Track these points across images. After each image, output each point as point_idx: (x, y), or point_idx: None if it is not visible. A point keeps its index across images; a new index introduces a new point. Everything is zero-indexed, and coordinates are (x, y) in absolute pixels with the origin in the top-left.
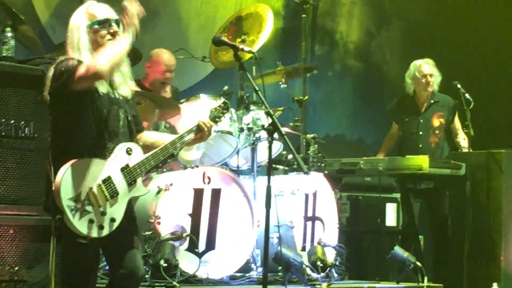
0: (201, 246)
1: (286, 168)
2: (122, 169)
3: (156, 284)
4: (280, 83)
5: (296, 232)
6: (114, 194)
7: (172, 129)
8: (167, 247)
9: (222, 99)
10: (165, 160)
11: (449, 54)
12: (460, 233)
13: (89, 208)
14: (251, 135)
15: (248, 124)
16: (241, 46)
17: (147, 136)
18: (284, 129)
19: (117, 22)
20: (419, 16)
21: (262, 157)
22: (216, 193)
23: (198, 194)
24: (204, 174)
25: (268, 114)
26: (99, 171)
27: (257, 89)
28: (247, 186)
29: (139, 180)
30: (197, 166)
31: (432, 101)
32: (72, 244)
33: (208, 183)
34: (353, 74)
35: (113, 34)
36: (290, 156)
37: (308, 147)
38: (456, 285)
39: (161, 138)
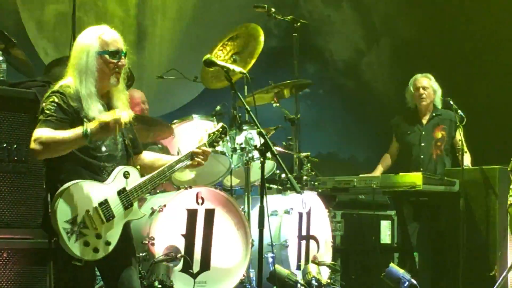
0: (196, 266)
1: (279, 187)
2: (119, 193)
3: None
4: (272, 102)
5: (291, 251)
6: (110, 218)
7: (165, 150)
8: (161, 268)
9: (221, 124)
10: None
11: (439, 70)
12: (455, 249)
13: (85, 231)
14: (244, 154)
15: (241, 144)
16: (232, 67)
17: (146, 157)
18: (277, 149)
19: (125, 55)
20: (409, 34)
21: (256, 176)
22: (209, 214)
23: (192, 214)
24: (197, 195)
25: (260, 134)
26: (96, 194)
27: (249, 109)
28: (241, 206)
29: (136, 204)
30: (190, 187)
31: (434, 114)
32: (67, 267)
33: (202, 203)
34: (344, 92)
35: (120, 67)
36: (283, 176)
37: (301, 166)
38: None
39: (159, 158)
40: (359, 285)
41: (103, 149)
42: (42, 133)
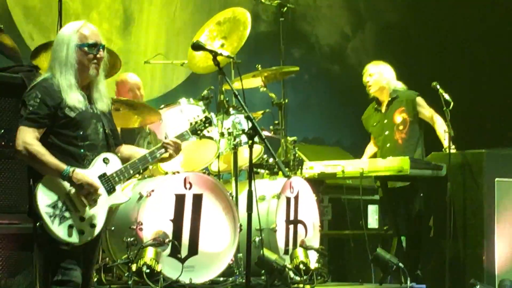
0: (184, 251)
1: (267, 172)
2: (100, 177)
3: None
4: (259, 86)
5: (279, 235)
6: (92, 201)
7: (153, 135)
8: (149, 253)
9: (205, 114)
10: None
11: (425, 54)
12: (442, 233)
13: (67, 214)
14: (231, 139)
15: (228, 128)
16: (219, 51)
17: (124, 150)
18: (265, 133)
19: (103, 48)
20: (394, 18)
21: (243, 161)
22: (197, 198)
23: (180, 199)
24: (185, 180)
25: (248, 118)
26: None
27: (236, 93)
28: (229, 190)
29: (118, 188)
30: (178, 172)
31: (390, 99)
32: (55, 251)
33: (190, 188)
34: (330, 76)
35: (99, 59)
36: (271, 160)
37: (288, 151)
38: (439, 286)
39: (138, 151)
40: (347, 270)
41: (85, 138)
42: (34, 142)
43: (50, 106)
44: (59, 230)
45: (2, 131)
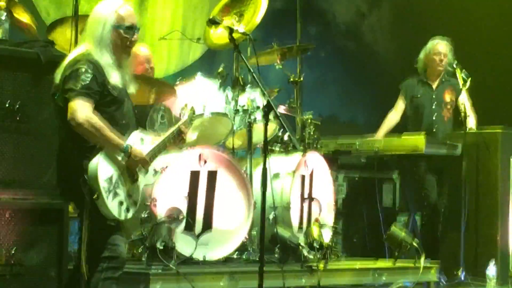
0: (198, 228)
1: (282, 149)
2: None
3: (153, 267)
4: (275, 64)
5: (293, 213)
6: (136, 179)
7: (168, 112)
8: (163, 229)
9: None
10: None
11: (441, 33)
12: (456, 212)
13: (119, 190)
14: (246, 116)
15: (243, 105)
16: (236, 27)
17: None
18: (280, 110)
19: (138, 30)
20: None
21: (258, 138)
22: (212, 175)
23: (194, 176)
24: (200, 156)
25: (263, 94)
26: (121, 156)
27: (252, 70)
28: (243, 167)
29: (150, 168)
30: (192, 148)
31: (443, 79)
32: (102, 227)
33: (204, 164)
34: (345, 54)
35: (133, 42)
36: (286, 137)
37: (304, 128)
38: (453, 264)
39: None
40: (361, 248)
41: (123, 117)
42: (95, 116)
43: (100, 82)
44: (112, 205)
45: (17, 106)
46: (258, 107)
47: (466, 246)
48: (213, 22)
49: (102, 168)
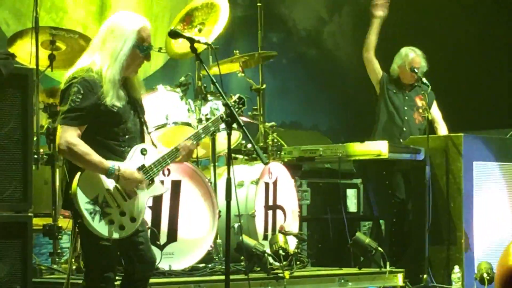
0: (163, 238)
1: (245, 158)
2: (138, 169)
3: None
4: (237, 72)
5: (258, 221)
6: (131, 195)
7: None
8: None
9: (238, 95)
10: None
11: (401, 38)
12: (420, 217)
13: (107, 209)
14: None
15: (206, 114)
16: (197, 38)
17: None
18: (243, 119)
19: (151, 48)
20: (370, 2)
21: (221, 147)
22: (176, 185)
23: None
24: None
25: (225, 105)
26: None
27: (214, 80)
28: (207, 176)
29: (157, 179)
30: None
31: (416, 84)
32: (95, 247)
33: (168, 175)
34: (307, 61)
35: (143, 60)
36: (249, 146)
37: (267, 136)
38: (417, 270)
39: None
40: (326, 254)
41: (127, 132)
42: (78, 142)
43: (93, 101)
44: (100, 226)
45: None
46: (221, 117)
47: (431, 250)
48: (173, 34)
49: (83, 190)
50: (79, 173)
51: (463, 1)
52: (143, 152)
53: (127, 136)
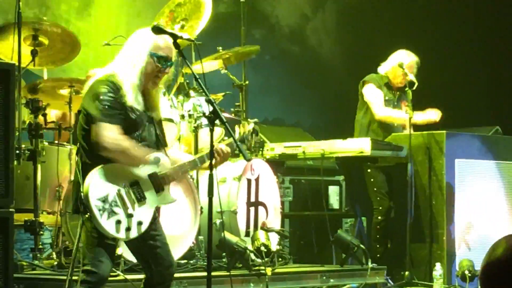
0: None
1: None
2: (150, 176)
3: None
4: (220, 68)
5: (240, 218)
6: (141, 199)
7: None
8: None
9: (252, 126)
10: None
11: (384, 35)
12: (402, 214)
13: (116, 209)
14: (192, 122)
15: (189, 111)
16: (180, 34)
17: (170, 154)
18: (225, 115)
19: (171, 64)
20: None
21: (204, 143)
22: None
23: None
24: None
25: (208, 101)
26: (128, 175)
27: (197, 76)
28: (190, 173)
29: (167, 189)
30: None
31: (404, 89)
32: (98, 243)
33: None
34: (290, 57)
35: (163, 73)
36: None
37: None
38: (399, 267)
39: (182, 157)
40: (308, 251)
41: (142, 139)
42: (118, 138)
43: (120, 104)
44: (107, 224)
45: None
46: (203, 113)
47: (413, 247)
48: (156, 30)
49: (96, 187)
50: (94, 170)
51: (446, 2)
52: (156, 160)
53: (142, 143)
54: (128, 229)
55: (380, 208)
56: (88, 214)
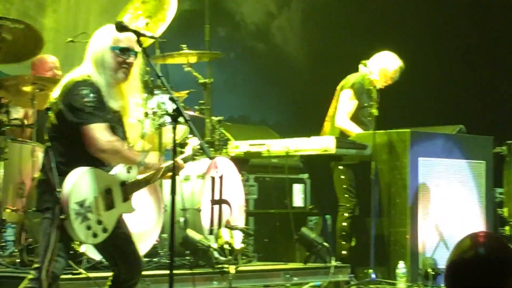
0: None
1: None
2: (121, 185)
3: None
4: (184, 65)
5: (204, 215)
6: (111, 206)
7: None
8: None
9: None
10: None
11: (349, 34)
12: (366, 212)
13: (89, 215)
14: (156, 119)
15: (153, 108)
16: (143, 32)
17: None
18: (189, 113)
19: (136, 55)
20: None
21: (168, 141)
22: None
23: None
24: None
25: (171, 99)
26: (104, 182)
27: (160, 75)
28: None
29: (131, 198)
30: None
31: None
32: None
33: None
34: (255, 55)
35: (129, 64)
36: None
37: (213, 131)
38: (363, 265)
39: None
40: (272, 249)
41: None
42: (112, 139)
43: (104, 104)
44: (78, 228)
45: None
46: (167, 111)
47: (376, 245)
48: (120, 27)
49: (76, 191)
50: (76, 174)
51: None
52: (129, 169)
53: None
54: (95, 235)
55: (348, 205)
56: (64, 215)
